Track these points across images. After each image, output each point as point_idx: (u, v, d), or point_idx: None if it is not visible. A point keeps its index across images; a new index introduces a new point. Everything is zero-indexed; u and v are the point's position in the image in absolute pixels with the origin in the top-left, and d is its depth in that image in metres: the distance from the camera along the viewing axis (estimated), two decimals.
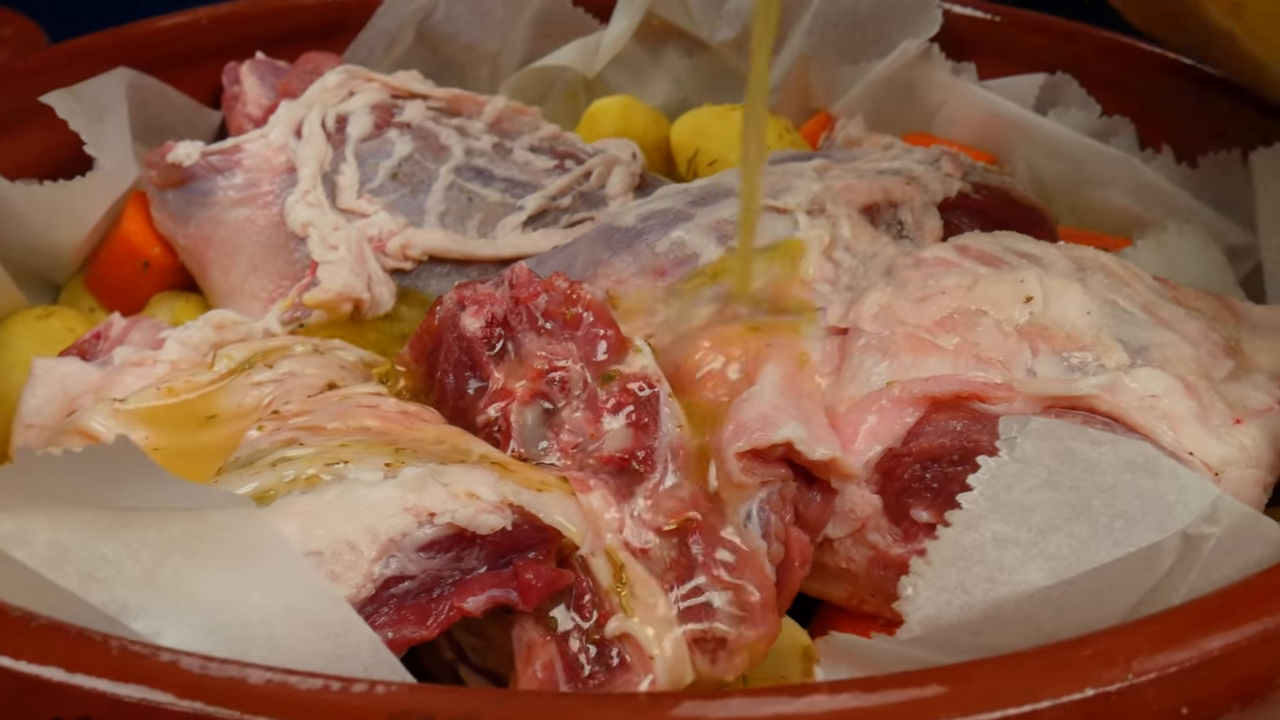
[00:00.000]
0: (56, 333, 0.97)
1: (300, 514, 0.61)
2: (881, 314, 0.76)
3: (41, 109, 1.02)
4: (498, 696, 0.49)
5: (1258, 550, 0.60)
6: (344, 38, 1.23)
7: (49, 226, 1.02)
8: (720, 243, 0.84)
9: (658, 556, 0.68)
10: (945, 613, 0.58)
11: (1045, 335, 0.74)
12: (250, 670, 0.49)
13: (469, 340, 0.75)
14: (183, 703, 0.48)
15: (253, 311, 0.95)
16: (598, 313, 0.74)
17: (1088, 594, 0.57)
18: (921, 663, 0.58)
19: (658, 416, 0.71)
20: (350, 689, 0.49)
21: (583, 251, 0.87)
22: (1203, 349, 0.76)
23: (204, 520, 0.56)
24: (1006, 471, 0.59)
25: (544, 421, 0.72)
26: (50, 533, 0.55)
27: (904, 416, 0.72)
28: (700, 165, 1.15)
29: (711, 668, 0.66)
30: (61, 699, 0.49)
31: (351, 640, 0.56)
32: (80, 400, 0.81)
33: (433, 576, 0.63)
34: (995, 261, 0.80)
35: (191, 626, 0.54)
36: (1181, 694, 0.51)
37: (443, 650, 0.72)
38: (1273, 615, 0.54)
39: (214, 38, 1.18)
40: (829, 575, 0.75)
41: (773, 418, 0.70)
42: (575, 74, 1.26)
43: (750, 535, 0.69)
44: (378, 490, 0.63)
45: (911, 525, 0.71)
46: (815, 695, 0.50)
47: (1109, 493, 0.58)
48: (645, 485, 0.70)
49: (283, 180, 0.99)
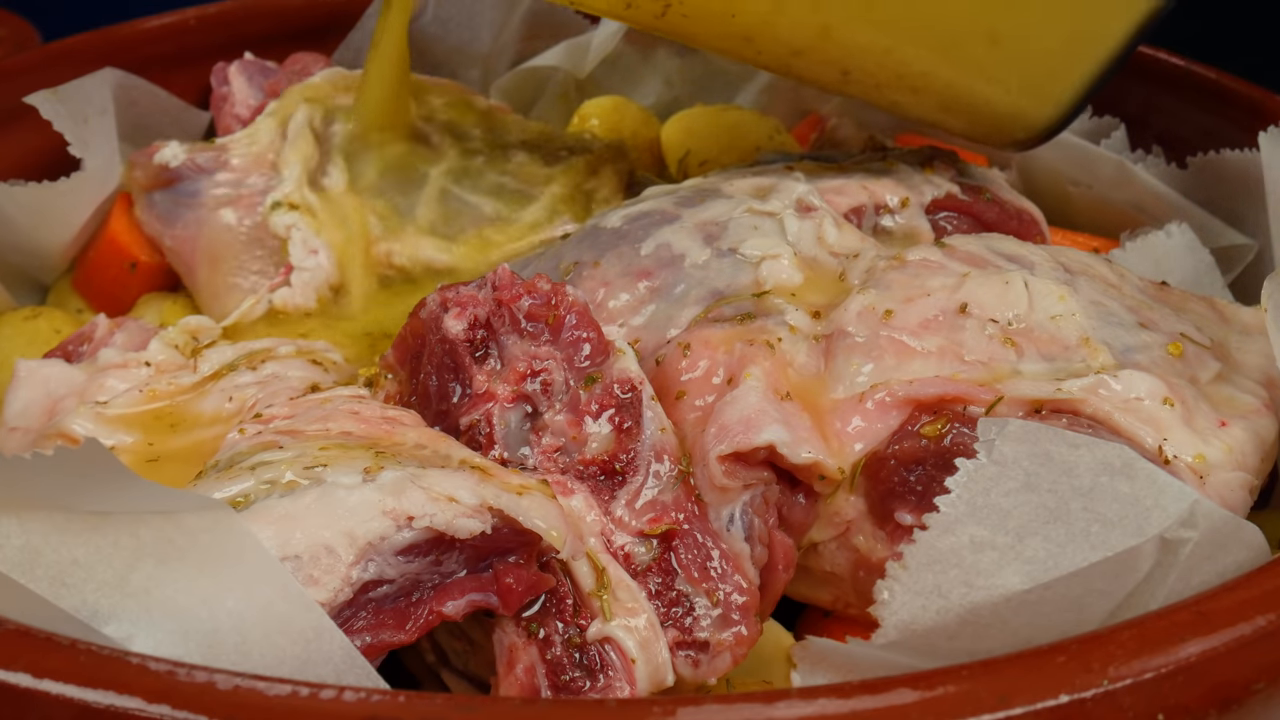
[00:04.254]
0: (43, 334, 0.97)
1: (278, 518, 0.61)
2: (866, 316, 0.76)
3: (28, 110, 1.02)
4: (465, 703, 0.48)
5: (1238, 554, 0.60)
6: (333, 38, 1.23)
7: (36, 227, 1.02)
8: (707, 244, 0.84)
9: (640, 560, 0.68)
10: (921, 617, 0.58)
11: (1030, 337, 0.74)
12: (218, 675, 0.49)
13: (452, 342, 0.74)
14: (151, 708, 0.48)
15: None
16: (580, 315, 0.74)
17: (1064, 599, 0.57)
18: (899, 667, 0.58)
19: (640, 419, 0.71)
20: (319, 695, 0.48)
21: (567, 253, 0.87)
22: (1189, 351, 0.76)
23: (178, 524, 0.56)
24: (984, 474, 0.59)
25: (527, 424, 0.72)
26: (22, 536, 0.54)
27: (888, 419, 0.72)
28: (691, 166, 1.15)
29: (693, 671, 0.66)
30: (29, 705, 0.49)
31: (324, 645, 0.56)
32: (63, 402, 0.81)
33: (412, 580, 0.63)
34: (981, 263, 0.80)
35: (164, 632, 0.54)
36: (1158, 700, 0.51)
37: (425, 654, 0.72)
38: (1251, 620, 0.54)
39: (202, 38, 1.19)
40: (814, 579, 0.75)
41: (755, 420, 0.70)
42: (566, 75, 1.26)
43: (733, 539, 0.69)
44: (356, 494, 0.62)
45: (896, 528, 0.71)
46: (788, 701, 0.50)
47: (1086, 496, 0.58)
48: (627, 488, 0.69)
49: (269, 181, 0.99)
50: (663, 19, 0.84)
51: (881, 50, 0.87)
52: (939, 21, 0.87)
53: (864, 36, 0.87)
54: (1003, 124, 0.93)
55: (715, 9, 0.84)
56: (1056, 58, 0.90)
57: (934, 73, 0.89)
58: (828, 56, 0.87)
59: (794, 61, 0.89)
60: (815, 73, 0.90)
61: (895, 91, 0.90)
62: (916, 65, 0.88)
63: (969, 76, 0.89)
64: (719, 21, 0.85)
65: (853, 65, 0.88)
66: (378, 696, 0.48)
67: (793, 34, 0.86)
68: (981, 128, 0.94)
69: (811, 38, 0.86)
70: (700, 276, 0.82)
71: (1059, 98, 0.91)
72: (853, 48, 0.87)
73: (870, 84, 0.90)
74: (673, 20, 0.84)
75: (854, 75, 0.89)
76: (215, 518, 0.56)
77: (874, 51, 0.87)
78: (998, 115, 0.92)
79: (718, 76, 1.29)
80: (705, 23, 0.85)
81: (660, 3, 0.83)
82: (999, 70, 0.89)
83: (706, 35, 0.87)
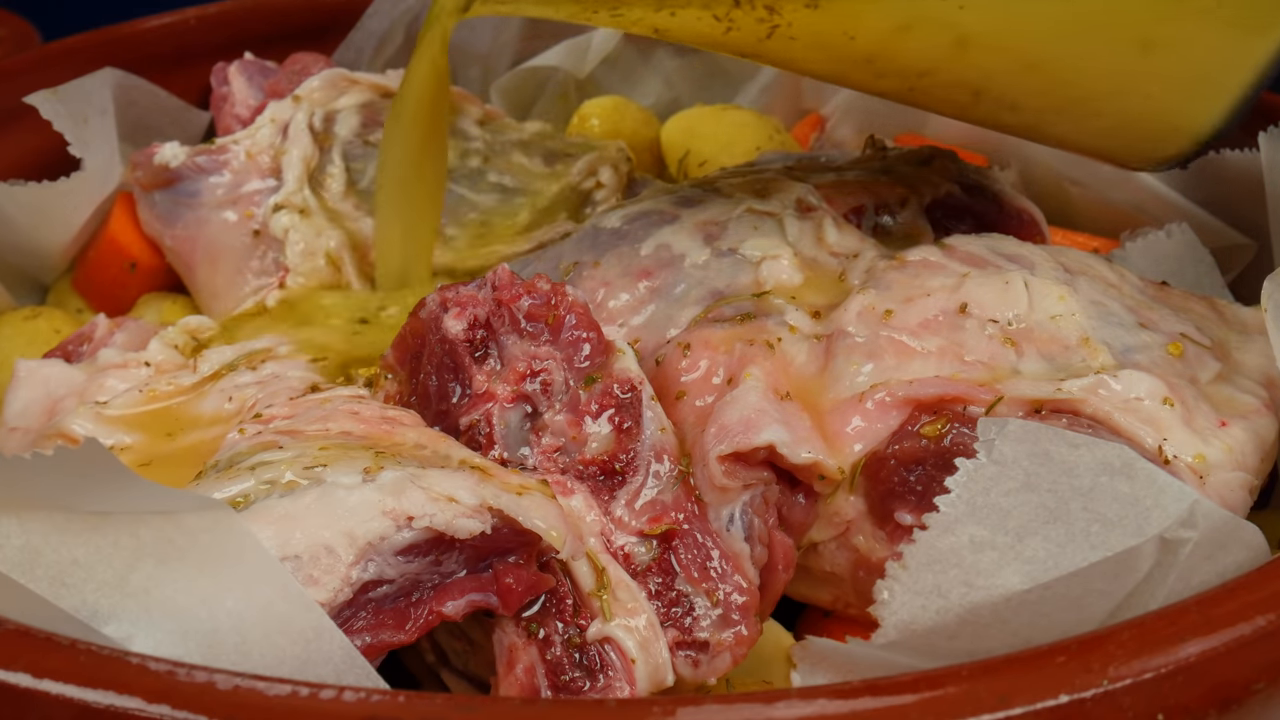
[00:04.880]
0: (43, 334, 0.98)
1: (278, 518, 0.61)
2: (866, 316, 0.76)
3: (28, 109, 1.02)
4: (465, 703, 0.48)
5: (1237, 554, 0.60)
6: (333, 38, 1.23)
7: (36, 227, 1.02)
8: (706, 244, 0.84)
9: (640, 560, 0.68)
10: (921, 617, 0.58)
11: (1030, 337, 0.74)
12: (218, 675, 0.49)
13: (451, 342, 0.74)
14: (151, 708, 0.48)
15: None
16: (580, 315, 0.73)
17: (1064, 599, 0.57)
18: (898, 667, 0.58)
19: (640, 420, 0.71)
20: (319, 695, 0.48)
21: (567, 253, 0.87)
22: (1189, 351, 0.75)
23: (177, 524, 0.56)
24: (984, 474, 0.59)
25: (527, 424, 0.72)
26: (22, 536, 0.54)
27: (888, 419, 0.72)
28: (691, 166, 1.15)
29: (693, 671, 0.66)
30: (29, 705, 0.49)
31: (323, 645, 0.56)
32: (63, 402, 0.81)
33: (411, 580, 0.62)
34: (981, 263, 0.80)
35: (163, 632, 0.54)
36: (1158, 700, 0.51)
37: (425, 654, 0.72)
38: (1251, 620, 0.54)
39: (202, 38, 1.19)
40: (814, 579, 0.75)
41: (755, 421, 0.70)
42: (566, 74, 1.26)
43: (733, 539, 0.69)
44: (356, 494, 0.62)
45: (896, 528, 0.71)
46: (788, 701, 0.50)
47: (1086, 496, 0.58)
48: (627, 489, 0.69)
49: (270, 181, 0.99)
50: (767, 43, 0.75)
51: (1023, 65, 0.78)
52: (1090, 29, 0.77)
53: (1006, 49, 0.77)
54: (1151, 140, 0.84)
55: (830, 30, 0.74)
56: (1213, 64, 0.79)
57: (1078, 84, 0.80)
58: (959, 76, 0.78)
59: (918, 84, 0.79)
60: (941, 96, 0.81)
61: (1033, 112, 0.82)
62: (1061, 77, 0.79)
63: (1119, 87, 0.80)
64: (835, 45, 0.75)
65: (987, 84, 0.79)
66: (378, 696, 0.48)
67: (922, 52, 0.77)
68: (1127, 145, 0.86)
69: (944, 55, 0.76)
70: (700, 276, 0.82)
71: (1216, 107, 0.81)
72: (990, 64, 0.77)
73: (1005, 104, 0.81)
74: (777, 44, 0.75)
75: (986, 96, 0.80)
76: (215, 518, 0.56)
77: (1014, 67, 0.78)
78: (1147, 131, 0.83)
79: (718, 76, 1.29)
80: (818, 47, 0.75)
81: (765, 25, 0.74)
82: (1152, 79, 0.79)
83: (818, 60, 0.78)
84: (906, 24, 0.74)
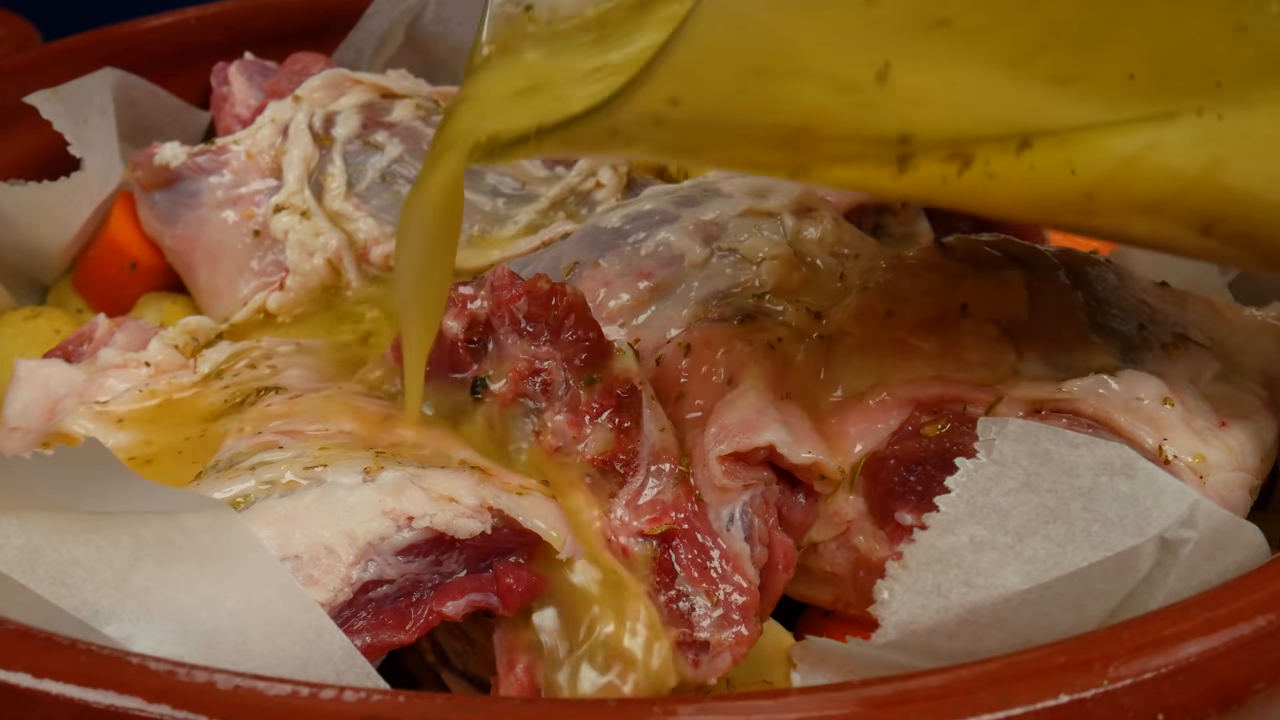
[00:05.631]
0: (43, 334, 0.97)
1: (278, 518, 0.61)
2: (866, 316, 0.76)
3: (28, 109, 1.02)
4: (465, 703, 0.48)
5: (1238, 554, 0.59)
6: (333, 38, 1.23)
7: (36, 227, 1.02)
8: (706, 244, 0.84)
9: (640, 560, 0.68)
10: (921, 617, 0.58)
11: (1030, 337, 0.74)
12: (218, 675, 0.49)
13: (451, 342, 0.74)
14: (151, 708, 0.48)
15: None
16: (580, 315, 0.73)
17: (1064, 599, 0.57)
18: (898, 667, 0.58)
19: (640, 419, 0.71)
20: (319, 695, 0.48)
21: (567, 253, 0.87)
22: (1190, 351, 0.75)
23: (177, 524, 0.56)
24: (984, 474, 0.59)
25: (527, 424, 0.72)
26: (22, 536, 0.54)
27: (888, 419, 0.72)
28: None
29: (694, 671, 0.66)
30: (29, 705, 0.49)
31: (324, 645, 0.56)
32: (63, 402, 0.81)
33: (411, 581, 0.63)
34: (981, 263, 0.80)
35: (164, 631, 0.54)
36: (1158, 700, 0.51)
37: (425, 654, 0.72)
38: (1251, 620, 0.53)
39: (202, 38, 1.19)
40: (814, 579, 0.75)
41: (755, 421, 0.70)
42: None
43: (733, 538, 0.69)
44: (356, 494, 0.62)
45: (896, 528, 0.71)
46: (788, 701, 0.50)
47: (1086, 496, 0.58)
48: (628, 489, 0.69)
49: (270, 181, 0.99)
50: (958, 181, 0.59)
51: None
52: None
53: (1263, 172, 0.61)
54: None
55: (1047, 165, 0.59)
56: None
57: None
58: (1195, 206, 0.62)
59: (1136, 221, 0.63)
60: (1162, 233, 0.65)
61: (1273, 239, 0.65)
62: None
63: None
64: (1049, 180, 0.60)
65: (1225, 214, 0.63)
66: (378, 696, 0.48)
67: (1160, 181, 0.61)
68: None
69: (1186, 184, 0.61)
70: (700, 276, 0.82)
71: None
72: (1239, 188, 0.62)
73: (1242, 235, 0.64)
74: (972, 183, 0.59)
75: (1220, 228, 0.64)
76: (215, 518, 0.56)
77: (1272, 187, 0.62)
78: None
79: None
80: (1026, 185, 0.60)
81: (955, 163, 0.58)
82: None
83: (1022, 201, 0.62)
84: (1154, 144, 0.60)
